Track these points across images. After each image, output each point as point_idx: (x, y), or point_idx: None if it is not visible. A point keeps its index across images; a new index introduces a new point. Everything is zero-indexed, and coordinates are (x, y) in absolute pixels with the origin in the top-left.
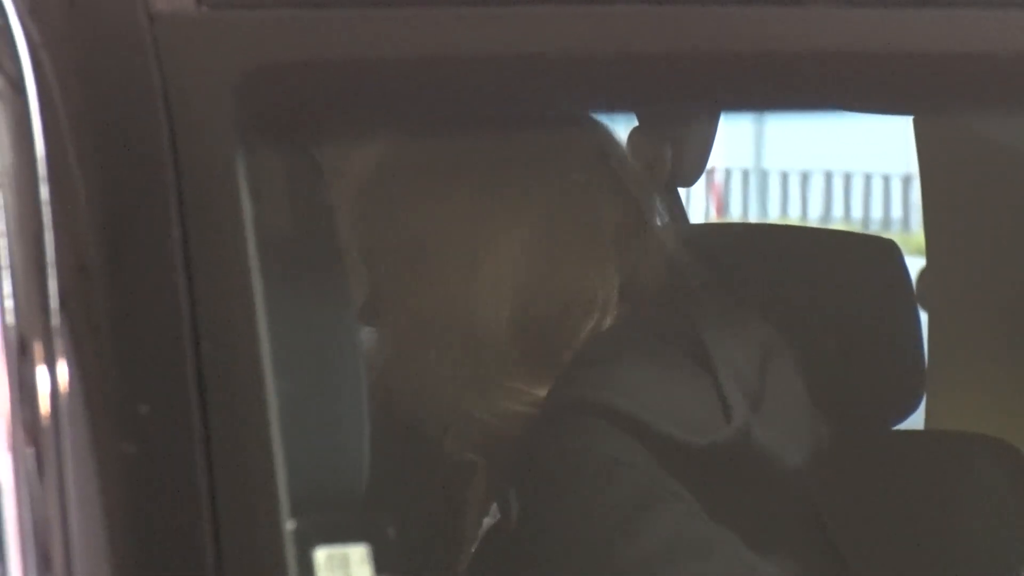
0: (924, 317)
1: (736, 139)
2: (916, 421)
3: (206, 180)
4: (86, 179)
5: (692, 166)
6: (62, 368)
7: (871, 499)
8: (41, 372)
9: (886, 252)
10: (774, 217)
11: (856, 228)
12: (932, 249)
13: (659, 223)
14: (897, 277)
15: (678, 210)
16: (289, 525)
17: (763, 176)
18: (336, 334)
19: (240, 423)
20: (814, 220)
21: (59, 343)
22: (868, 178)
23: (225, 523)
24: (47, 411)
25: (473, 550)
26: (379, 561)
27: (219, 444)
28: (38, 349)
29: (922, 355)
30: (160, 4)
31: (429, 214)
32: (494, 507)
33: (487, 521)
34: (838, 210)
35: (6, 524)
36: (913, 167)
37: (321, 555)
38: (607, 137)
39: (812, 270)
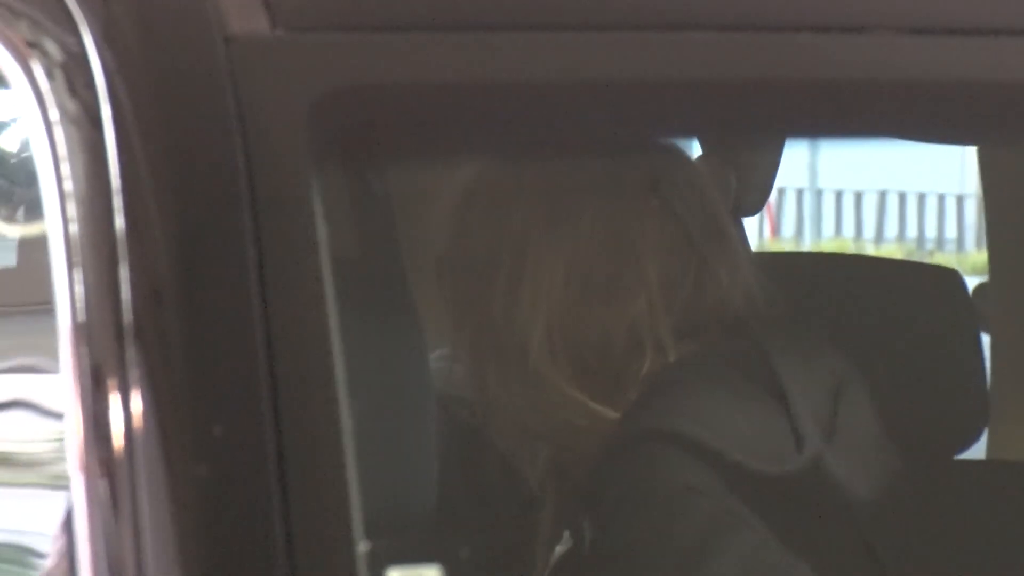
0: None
1: (791, 159)
2: (978, 451)
3: (281, 203)
4: (160, 205)
5: (756, 194)
6: (136, 398)
7: (935, 531)
8: (115, 402)
9: (949, 281)
10: (828, 237)
11: (910, 247)
12: (995, 271)
13: (729, 251)
14: (960, 306)
15: (742, 238)
16: (362, 546)
17: (817, 195)
18: (407, 355)
19: (314, 444)
20: (868, 240)
21: (133, 372)
22: (922, 197)
23: (299, 544)
24: (121, 443)
25: None
26: None
27: (293, 465)
28: (112, 379)
29: (985, 384)
30: (235, 27)
31: (492, 236)
32: (566, 534)
33: (559, 548)
34: (891, 230)
35: (79, 552)
36: (967, 187)
37: (394, 575)
38: (667, 166)
39: (877, 300)
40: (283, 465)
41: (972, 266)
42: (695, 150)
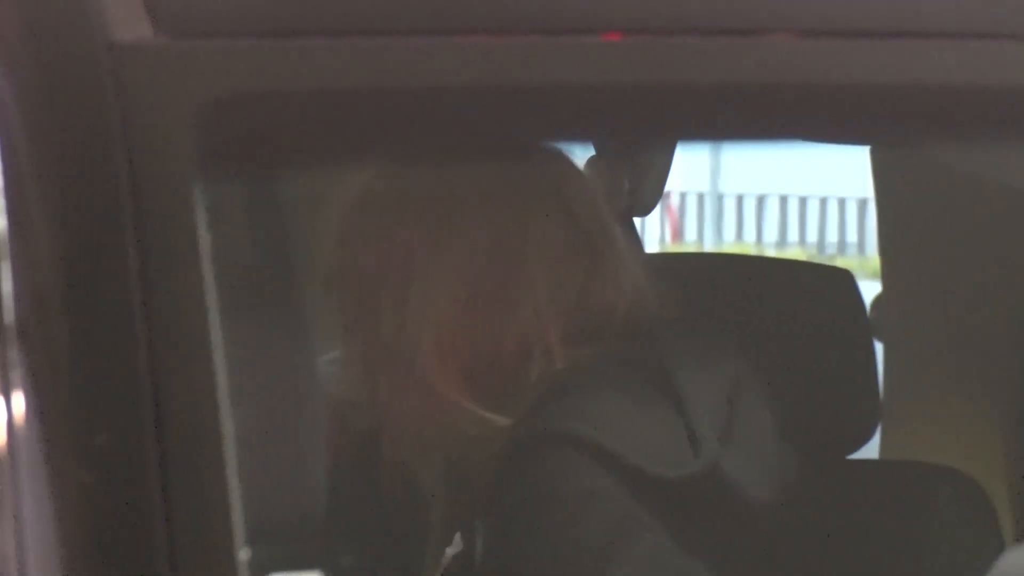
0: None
1: (692, 163)
2: (870, 450)
3: (164, 210)
4: (44, 210)
5: (649, 195)
6: (18, 399)
7: (831, 530)
8: None
9: (841, 281)
10: (730, 241)
11: (812, 252)
12: (887, 277)
13: (621, 255)
14: (852, 306)
15: (634, 240)
16: (243, 554)
17: (719, 200)
18: (294, 364)
19: (196, 452)
20: (769, 244)
21: (16, 374)
22: (824, 202)
23: (181, 551)
24: (3, 443)
25: None
26: None
27: (175, 473)
28: None
29: (876, 383)
30: (118, 34)
31: (383, 244)
32: (457, 536)
33: (450, 551)
34: (793, 235)
35: None
36: (869, 191)
37: None
38: (563, 170)
39: (771, 300)
40: (165, 473)
41: (873, 270)
42: (588, 152)
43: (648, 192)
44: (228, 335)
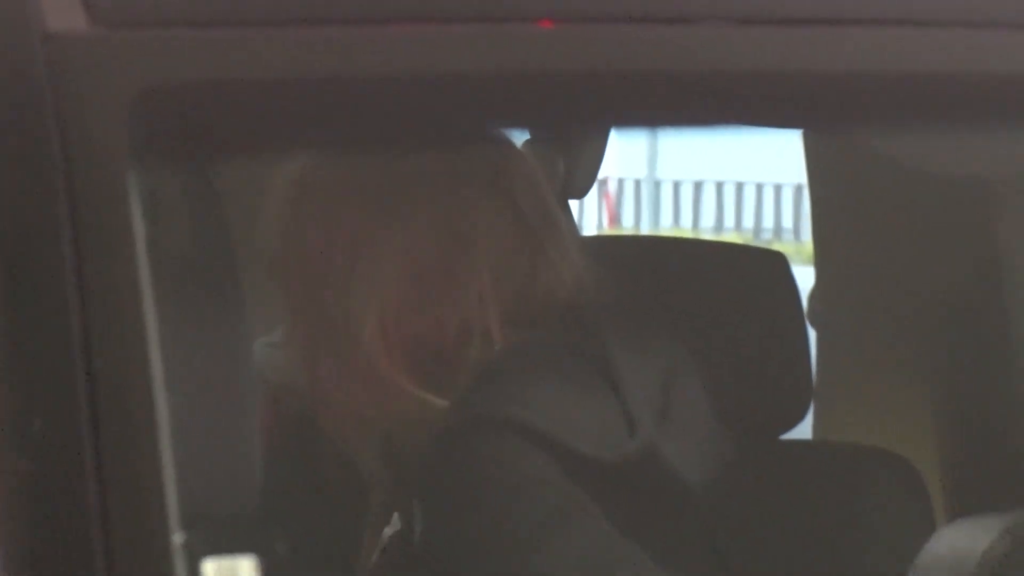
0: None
1: (629, 150)
2: (803, 431)
3: (99, 198)
4: None
5: (584, 178)
6: None
7: (765, 511)
8: None
9: (775, 264)
10: (666, 227)
11: (748, 238)
12: (820, 262)
13: (562, 239)
14: (786, 289)
15: (571, 224)
16: (178, 538)
17: (656, 186)
18: (229, 349)
19: (131, 438)
20: (706, 229)
21: None
22: (760, 188)
23: (116, 535)
24: None
25: (374, 559)
26: (268, 572)
27: (110, 458)
28: None
29: (809, 365)
30: (53, 24)
31: (325, 229)
32: (396, 516)
33: (387, 531)
34: (730, 220)
35: None
36: (804, 177)
37: (209, 568)
38: (503, 156)
39: (705, 283)
40: (100, 458)
41: (808, 255)
42: (523, 136)
43: (583, 175)
44: (163, 322)
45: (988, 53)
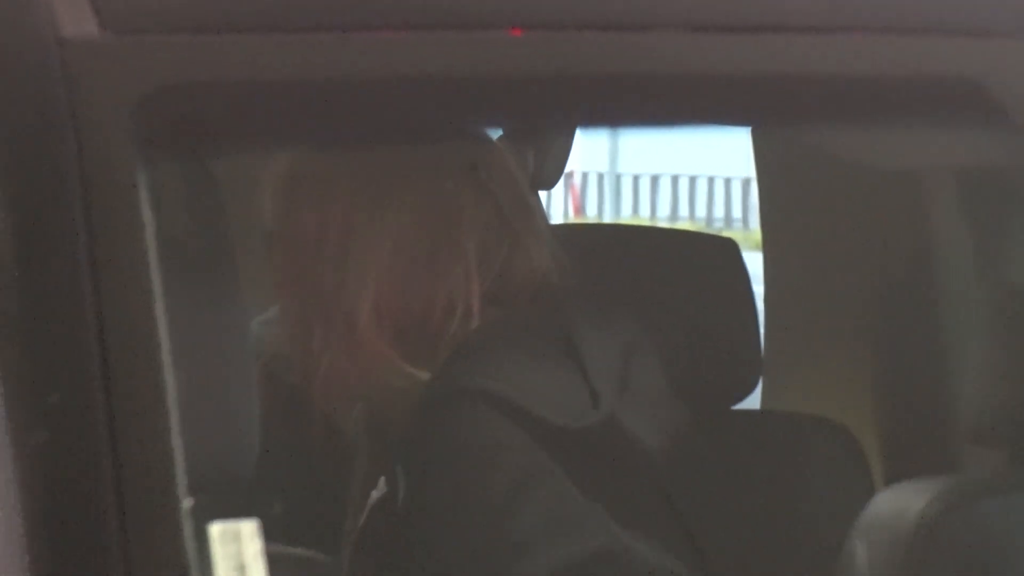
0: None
1: (593, 146)
2: (753, 402)
3: (109, 190)
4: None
5: (552, 171)
6: None
7: (718, 476)
8: None
9: (726, 249)
10: (626, 216)
11: (701, 226)
12: (768, 246)
13: (534, 226)
14: (736, 271)
15: (540, 212)
16: (186, 503)
17: (617, 179)
18: (228, 326)
19: (141, 410)
20: (663, 219)
21: None
22: (711, 181)
23: (129, 501)
24: None
25: (362, 520)
26: (269, 533)
27: (122, 430)
28: None
29: (759, 341)
30: (67, 30)
31: (319, 217)
32: (382, 480)
33: (374, 494)
34: (684, 210)
35: None
36: (751, 171)
37: (215, 530)
38: (481, 151)
39: (661, 267)
40: (113, 429)
41: (755, 242)
42: (496, 133)
43: (551, 168)
44: (169, 301)
45: (917, 57)
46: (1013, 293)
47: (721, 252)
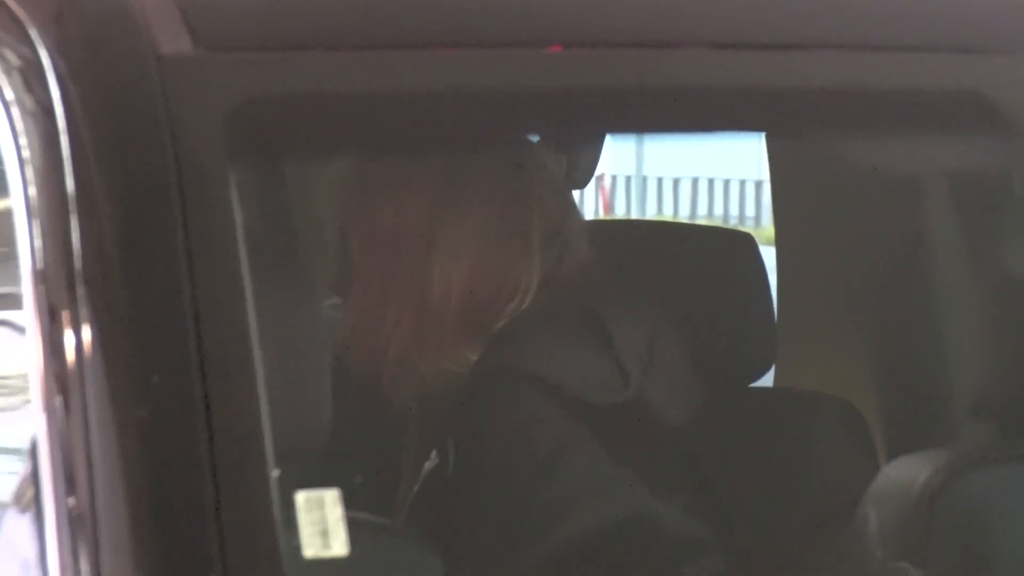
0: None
1: (621, 151)
2: (767, 380)
3: (203, 191)
4: (105, 191)
5: (584, 173)
6: (86, 331)
7: (735, 449)
8: (68, 335)
9: (744, 243)
10: (651, 215)
11: (718, 223)
12: (781, 240)
13: (574, 221)
14: (753, 263)
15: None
16: (274, 473)
17: (643, 181)
18: (305, 313)
19: (233, 390)
20: (683, 217)
21: (83, 311)
22: (727, 183)
23: (222, 471)
24: (73, 363)
25: (416, 488)
26: (347, 501)
27: (216, 407)
28: (65, 315)
29: (773, 325)
30: (164, 47)
31: (397, 214)
32: (434, 452)
33: (427, 465)
34: (703, 210)
35: (42, 474)
36: (763, 174)
37: (301, 498)
38: (534, 156)
39: (685, 259)
40: (208, 406)
41: (767, 238)
42: (534, 138)
43: (583, 170)
44: (256, 291)
45: (919, 72)
46: (1007, 282)
47: (739, 245)
